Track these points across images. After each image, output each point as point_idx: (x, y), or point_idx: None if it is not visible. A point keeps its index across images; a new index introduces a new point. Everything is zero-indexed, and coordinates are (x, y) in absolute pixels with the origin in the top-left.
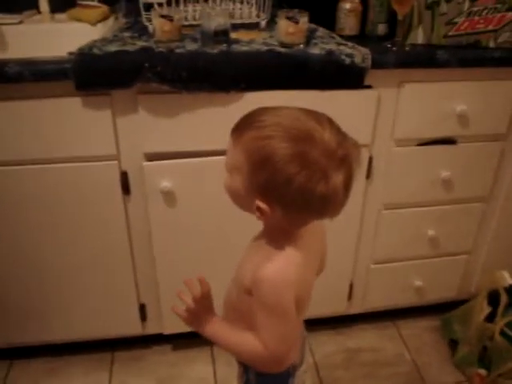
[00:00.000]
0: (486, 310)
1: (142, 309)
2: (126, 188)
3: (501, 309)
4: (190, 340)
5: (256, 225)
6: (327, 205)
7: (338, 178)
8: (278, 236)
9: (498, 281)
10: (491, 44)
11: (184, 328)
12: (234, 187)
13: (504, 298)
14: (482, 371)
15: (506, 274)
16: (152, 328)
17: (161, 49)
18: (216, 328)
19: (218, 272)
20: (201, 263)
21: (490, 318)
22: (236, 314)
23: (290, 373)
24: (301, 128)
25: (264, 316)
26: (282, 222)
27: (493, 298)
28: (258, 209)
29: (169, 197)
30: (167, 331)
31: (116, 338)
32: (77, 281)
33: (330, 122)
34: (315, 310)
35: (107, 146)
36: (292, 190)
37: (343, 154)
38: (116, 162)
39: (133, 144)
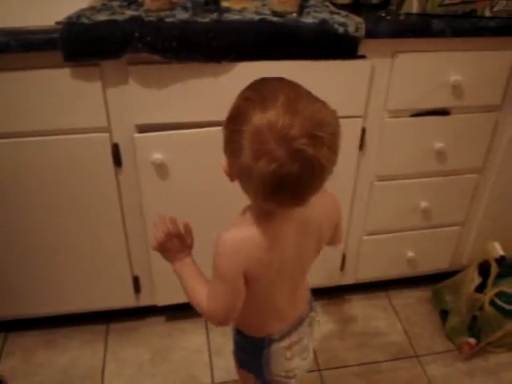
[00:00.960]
0: (477, 280)
1: (136, 281)
2: (117, 160)
3: (491, 279)
4: (184, 311)
5: (235, 197)
6: (273, 189)
7: (285, 167)
8: (250, 210)
9: (489, 252)
10: (487, 13)
11: (177, 299)
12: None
13: (494, 269)
14: (472, 340)
15: (497, 246)
16: (146, 300)
17: (150, 18)
18: (184, 268)
19: (205, 242)
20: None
21: (480, 288)
22: None
23: (264, 344)
24: (276, 104)
25: (212, 274)
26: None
27: (483, 269)
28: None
29: (161, 169)
30: (160, 303)
31: (110, 310)
32: (69, 253)
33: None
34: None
35: (97, 118)
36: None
37: (298, 149)
38: (107, 133)
39: (124, 115)
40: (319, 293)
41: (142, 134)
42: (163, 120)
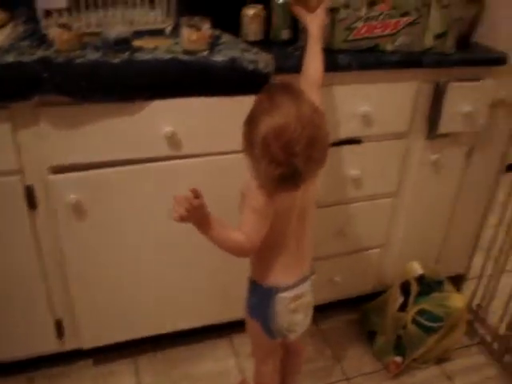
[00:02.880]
0: (399, 300)
1: (59, 325)
2: (32, 202)
3: (412, 298)
4: (111, 353)
5: (163, 235)
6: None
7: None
8: None
9: (409, 271)
10: (389, 47)
11: (104, 341)
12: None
13: (415, 288)
14: (398, 358)
15: (416, 265)
16: (70, 344)
17: (60, 59)
18: (213, 225)
19: (128, 281)
20: (113, 274)
21: (403, 307)
22: None
23: (272, 292)
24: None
25: (247, 214)
26: None
27: (405, 289)
28: None
29: (77, 209)
30: (86, 346)
31: (34, 358)
32: None
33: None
34: (239, 312)
35: (8, 161)
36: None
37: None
38: (19, 176)
39: (37, 157)
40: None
41: (56, 176)
42: (78, 160)
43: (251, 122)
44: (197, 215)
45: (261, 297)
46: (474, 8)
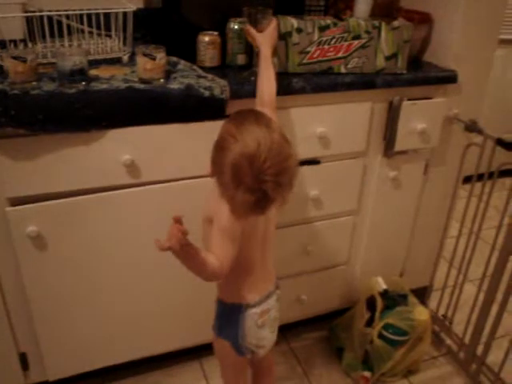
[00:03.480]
0: (366, 315)
1: (23, 358)
2: None
3: (377, 313)
4: (79, 383)
5: (127, 261)
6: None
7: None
8: None
9: (374, 287)
10: (342, 70)
11: (70, 371)
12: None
13: (380, 303)
14: (367, 373)
15: (380, 280)
16: (36, 376)
17: (15, 91)
18: (190, 252)
19: (92, 312)
20: (78, 303)
21: (370, 322)
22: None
23: (241, 309)
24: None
25: (219, 240)
26: None
27: (370, 304)
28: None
29: (38, 241)
30: (52, 377)
31: None
32: None
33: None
34: (209, 335)
35: None
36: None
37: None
38: None
39: None
40: None
41: (14, 208)
42: (36, 191)
43: (220, 148)
44: (186, 249)
45: (229, 315)
46: (423, 29)
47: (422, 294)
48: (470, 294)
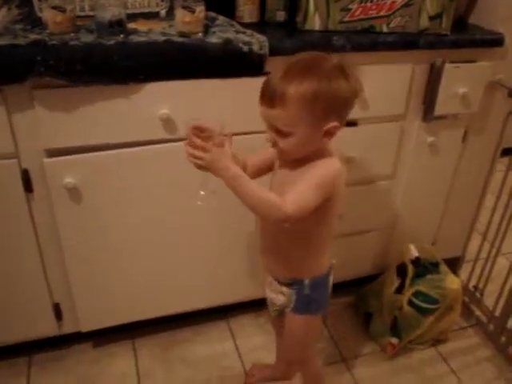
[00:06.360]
0: (396, 282)
1: (57, 308)
2: (28, 186)
3: (408, 280)
4: (110, 336)
5: (161, 217)
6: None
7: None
8: (319, 155)
9: (406, 254)
10: (384, 29)
11: (103, 323)
12: (299, 140)
13: (411, 270)
14: (394, 340)
15: (412, 247)
16: (69, 327)
17: (54, 41)
18: (242, 173)
19: (126, 264)
20: (110, 257)
21: (400, 289)
22: None
23: (329, 273)
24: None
25: (308, 184)
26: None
27: (401, 271)
28: (327, 133)
29: (73, 193)
30: (85, 329)
31: (32, 341)
32: None
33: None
34: (235, 296)
35: (4, 144)
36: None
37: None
38: (15, 159)
39: (32, 140)
40: (246, 306)
41: (51, 159)
42: (73, 143)
43: (325, 80)
44: (217, 154)
45: (322, 285)
46: None
47: (454, 264)
48: (503, 267)
